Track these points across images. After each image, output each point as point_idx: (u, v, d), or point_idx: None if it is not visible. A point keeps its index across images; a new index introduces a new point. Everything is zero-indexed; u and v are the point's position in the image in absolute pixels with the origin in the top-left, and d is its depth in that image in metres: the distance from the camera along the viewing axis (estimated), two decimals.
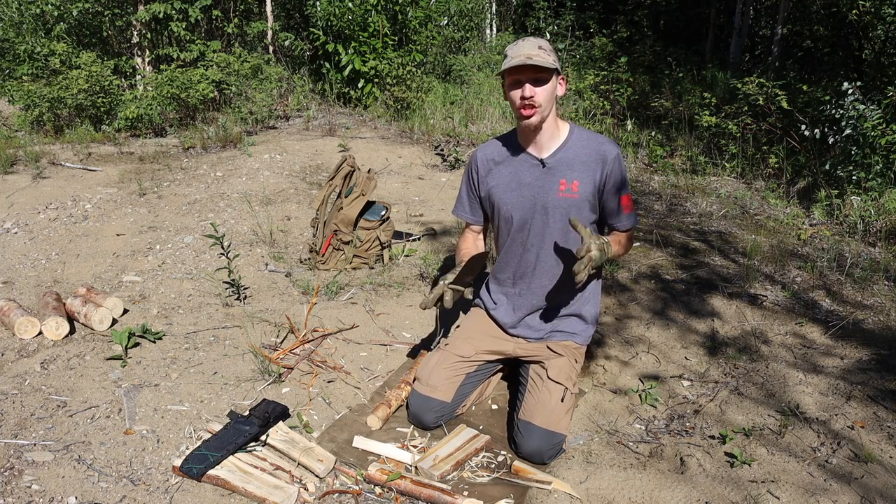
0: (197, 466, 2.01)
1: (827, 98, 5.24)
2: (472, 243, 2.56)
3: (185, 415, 2.35)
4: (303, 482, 2.02)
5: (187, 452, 2.08)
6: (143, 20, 8.39)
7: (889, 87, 5.00)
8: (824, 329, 2.99)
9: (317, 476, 2.05)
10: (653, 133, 7.04)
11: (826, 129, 5.12)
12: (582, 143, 2.29)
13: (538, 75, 2.16)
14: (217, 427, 2.20)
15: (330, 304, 3.27)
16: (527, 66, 2.12)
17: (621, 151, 2.30)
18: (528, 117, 2.19)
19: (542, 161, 2.30)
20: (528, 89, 2.16)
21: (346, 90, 8.33)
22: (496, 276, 2.53)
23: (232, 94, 7.77)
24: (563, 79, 2.24)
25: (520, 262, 2.39)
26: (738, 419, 2.38)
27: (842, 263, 3.70)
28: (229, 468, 2.02)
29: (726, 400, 2.49)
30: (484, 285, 2.62)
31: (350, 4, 8.02)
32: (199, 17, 8.45)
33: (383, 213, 3.76)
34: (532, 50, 2.15)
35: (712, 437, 2.28)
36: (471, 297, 2.32)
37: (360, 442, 2.21)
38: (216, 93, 7.74)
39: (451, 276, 2.27)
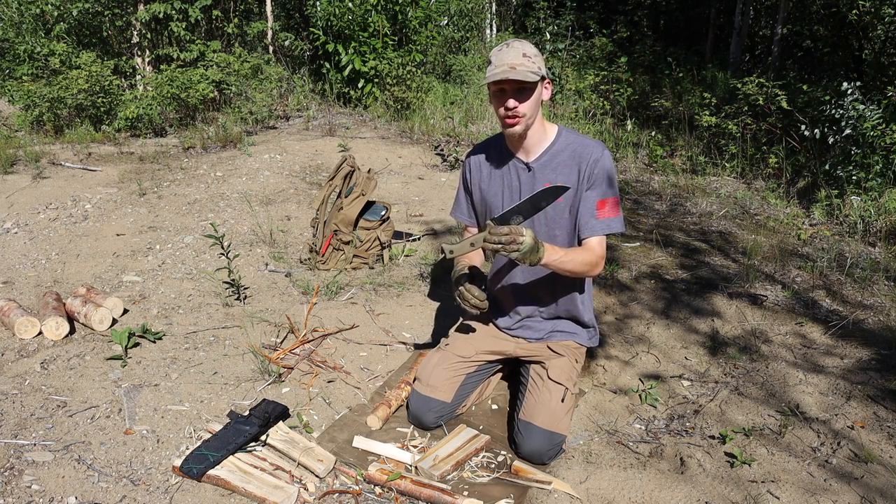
0: (197, 466, 2.00)
1: (827, 98, 5.24)
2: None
3: (185, 415, 2.35)
4: (303, 482, 2.02)
5: (187, 452, 2.08)
6: (143, 20, 8.40)
7: (889, 87, 5.01)
8: (825, 329, 2.99)
9: (317, 476, 2.05)
10: (653, 133, 7.04)
11: (826, 129, 5.12)
12: (566, 146, 2.27)
13: (522, 86, 2.12)
14: (217, 427, 2.20)
15: (330, 304, 3.27)
16: (508, 79, 2.09)
17: (607, 154, 2.24)
18: (512, 126, 2.17)
19: (527, 165, 2.29)
20: (511, 102, 2.12)
21: (346, 90, 8.33)
22: (490, 279, 2.53)
23: (232, 94, 7.77)
24: (548, 82, 2.22)
25: (509, 264, 2.39)
26: (739, 419, 2.38)
27: (842, 263, 3.70)
28: (229, 468, 2.02)
29: (726, 400, 2.49)
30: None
31: (350, 4, 8.02)
32: (199, 17, 8.45)
33: (383, 213, 3.75)
34: (516, 59, 2.09)
35: (712, 437, 2.28)
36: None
37: (360, 442, 2.21)
38: (216, 93, 7.74)
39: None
